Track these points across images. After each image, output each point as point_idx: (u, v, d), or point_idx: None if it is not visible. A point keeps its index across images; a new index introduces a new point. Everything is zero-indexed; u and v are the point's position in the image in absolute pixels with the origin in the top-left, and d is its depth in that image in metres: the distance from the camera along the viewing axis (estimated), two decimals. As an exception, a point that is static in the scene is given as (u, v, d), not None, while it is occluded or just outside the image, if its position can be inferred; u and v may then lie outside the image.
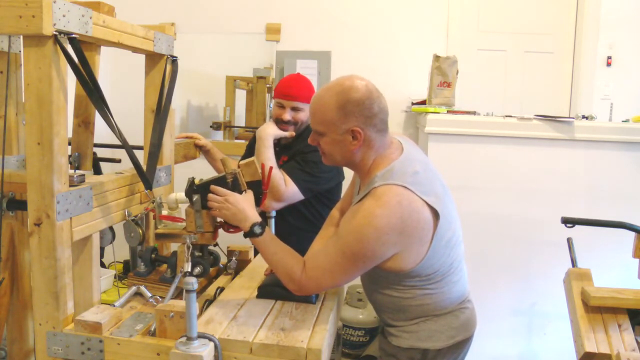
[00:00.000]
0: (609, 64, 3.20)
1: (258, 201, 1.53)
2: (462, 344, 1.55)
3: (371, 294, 1.60)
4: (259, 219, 1.46)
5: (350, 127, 1.40)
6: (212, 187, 1.47)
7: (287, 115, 2.10)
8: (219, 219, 1.53)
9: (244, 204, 1.46)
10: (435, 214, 1.39)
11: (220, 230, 1.56)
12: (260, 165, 1.55)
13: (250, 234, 1.45)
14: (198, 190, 1.49)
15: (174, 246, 1.82)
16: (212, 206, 1.48)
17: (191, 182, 1.51)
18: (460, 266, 1.55)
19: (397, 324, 1.54)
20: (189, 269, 1.48)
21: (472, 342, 1.61)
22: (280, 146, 2.17)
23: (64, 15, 1.26)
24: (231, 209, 1.45)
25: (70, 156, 1.63)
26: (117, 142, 1.49)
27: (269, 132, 2.07)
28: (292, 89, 2.11)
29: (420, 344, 1.50)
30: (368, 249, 1.35)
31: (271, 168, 1.53)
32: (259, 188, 1.53)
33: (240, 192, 1.49)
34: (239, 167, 1.55)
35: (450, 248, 1.47)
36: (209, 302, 1.58)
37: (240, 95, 3.58)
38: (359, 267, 1.41)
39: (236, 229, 1.51)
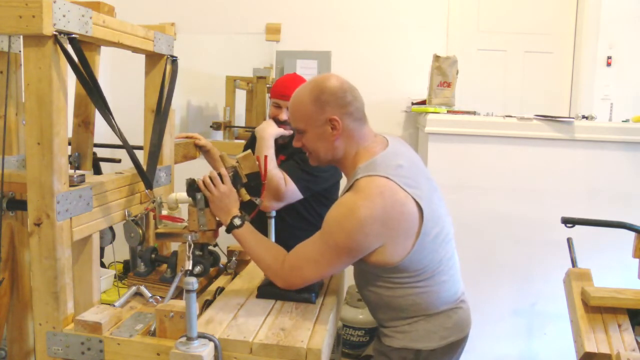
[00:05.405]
0: (609, 64, 3.20)
1: (258, 192, 1.58)
2: (456, 345, 1.55)
3: (362, 291, 1.60)
4: (239, 213, 1.52)
5: (327, 116, 1.46)
6: (211, 173, 1.52)
7: (284, 115, 2.10)
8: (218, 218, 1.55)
9: (229, 200, 1.51)
10: (419, 208, 1.40)
11: (221, 231, 1.57)
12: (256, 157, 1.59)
13: (230, 226, 1.51)
14: (201, 189, 1.51)
15: (174, 246, 1.83)
16: (201, 185, 1.52)
17: (193, 181, 1.53)
18: (450, 264, 1.54)
19: (391, 324, 1.54)
20: (190, 267, 1.48)
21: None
22: (277, 146, 2.17)
23: (64, 15, 1.26)
24: (216, 196, 1.50)
25: (70, 156, 1.63)
26: (117, 142, 1.49)
27: (270, 132, 2.06)
28: (288, 89, 2.10)
29: (413, 344, 1.50)
30: (351, 239, 1.37)
31: (266, 157, 1.58)
32: (258, 180, 1.58)
33: (241, 186, 1.55)
34: (237, 161, 1.57)
35: (438, 244, 1.47)
36: (209, 302, 1.58)
37: (240, 95, 3.57)
38: (343, 259, 1.42)
39: None
